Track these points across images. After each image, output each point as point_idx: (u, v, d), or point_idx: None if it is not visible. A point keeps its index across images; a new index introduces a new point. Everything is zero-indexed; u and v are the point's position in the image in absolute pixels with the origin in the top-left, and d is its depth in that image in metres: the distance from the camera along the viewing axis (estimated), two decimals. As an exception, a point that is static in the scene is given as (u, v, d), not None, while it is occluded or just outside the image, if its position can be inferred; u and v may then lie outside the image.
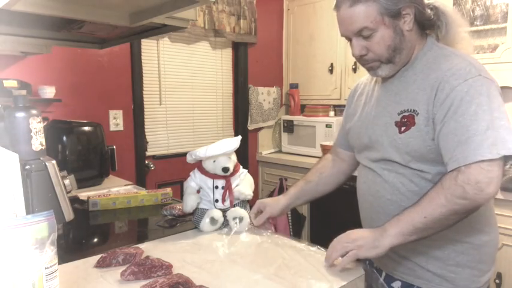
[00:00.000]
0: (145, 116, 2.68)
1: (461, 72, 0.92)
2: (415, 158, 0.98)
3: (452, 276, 1.01)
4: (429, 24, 1.03)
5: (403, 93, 1.02)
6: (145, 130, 2.69)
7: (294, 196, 1.27)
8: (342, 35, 1.04)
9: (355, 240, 0.94)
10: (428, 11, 1.01)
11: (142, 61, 2.63)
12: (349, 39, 1.03)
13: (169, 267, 0.93)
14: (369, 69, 1.06)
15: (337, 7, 0.99)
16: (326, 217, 2.89)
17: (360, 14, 0.95)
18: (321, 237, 1.29)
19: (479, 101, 0.88)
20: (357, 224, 1.24)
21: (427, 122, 0.95)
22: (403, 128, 0.99)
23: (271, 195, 3.14)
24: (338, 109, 3.14)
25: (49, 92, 2.14)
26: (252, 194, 1.26)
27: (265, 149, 3.40)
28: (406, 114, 0.99)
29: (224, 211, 1.23)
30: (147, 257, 0.95)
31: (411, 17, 0.97)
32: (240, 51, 3.16)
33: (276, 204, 1.25)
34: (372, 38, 0.97)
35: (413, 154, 0.98)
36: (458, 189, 0.85)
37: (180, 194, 2.02)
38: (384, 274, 1.11)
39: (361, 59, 1.03)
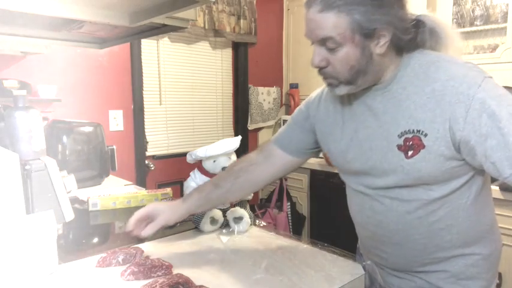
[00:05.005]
0: (145, 116, 2.68)
1: (469, 78, 0.83)
2: (428, 182, 0.90)
3: None
4: (410, 46, 0.91)
5: (396, 112, 0.90)
6: (145, 130, 2.69)
7: (195, 204, 1.09)
8: (305, 36, 0.91)
9: None
10: (411, 30, 0.88)
11: (142, 61, 2.64)
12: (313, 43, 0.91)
13: (169, 267, 0.93)
14: (328, 85, 0.95)
15: (308, 6, 0.86)
16: (326, 217, 2.89)
17: (328, 22, 0.83)
18: (321, 237, 1.29)
19: (503, 102, 0.81)
20: (357, 224, 1.24)
21: (440, 141, 0.85)
22: (410, 153, 0.88)
23: (271, 195, 3.14)
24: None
25: (49, 91, 2.14)
26: (251, 194, 1.26)
27: (265, 149, 3.40)
28: (410, 136, 0.88)
29: (224, 211, 1.23)
30: (147, 257, 0.95)
31: (386, 40, 0.85)
32: (240, 51, 3.16)
33: (172, 212, 1.07)
34: (336, 53, 0.86)
35: (426, 178, 0.89)
36: None
37: (180, 194, 2.02)
38: None
39: (319, 71, 0.91)
